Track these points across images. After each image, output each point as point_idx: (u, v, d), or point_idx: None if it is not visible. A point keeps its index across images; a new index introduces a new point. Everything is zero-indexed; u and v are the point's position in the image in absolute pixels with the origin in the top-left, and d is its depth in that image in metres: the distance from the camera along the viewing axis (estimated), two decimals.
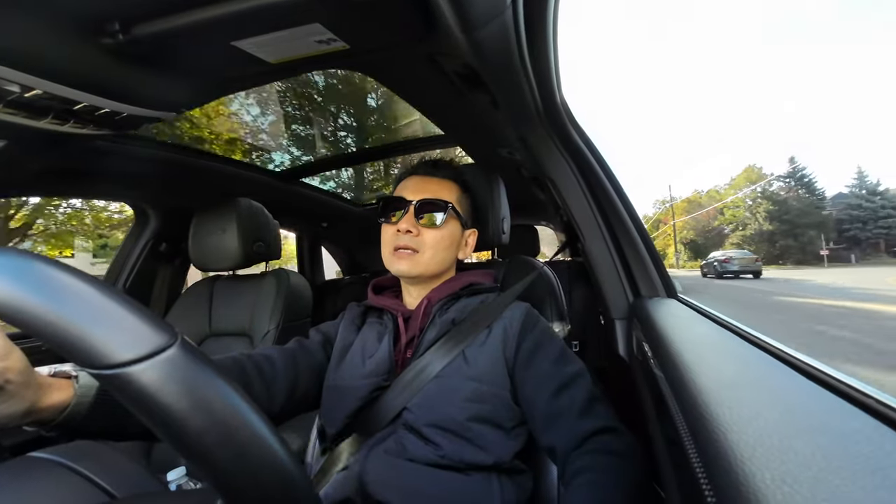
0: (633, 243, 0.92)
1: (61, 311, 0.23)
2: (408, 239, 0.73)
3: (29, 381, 0.40)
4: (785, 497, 0.19)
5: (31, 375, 0.41)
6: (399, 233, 0.73)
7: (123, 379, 0.23)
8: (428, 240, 0.74)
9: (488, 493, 0.60)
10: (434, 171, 0.79)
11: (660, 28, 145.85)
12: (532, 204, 1.92)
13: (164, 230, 1.48)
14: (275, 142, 1.95)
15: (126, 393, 0.23)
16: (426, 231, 0.74)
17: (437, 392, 0.64)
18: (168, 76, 0.76)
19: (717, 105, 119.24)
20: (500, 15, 0.54)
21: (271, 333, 1.24)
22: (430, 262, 0.74)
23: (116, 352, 0.23)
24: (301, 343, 0.77)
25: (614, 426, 0.60)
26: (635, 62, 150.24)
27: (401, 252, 0.73)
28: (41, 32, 0.58)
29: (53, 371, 0.46)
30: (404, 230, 0.73)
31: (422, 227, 0.74)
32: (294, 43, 0.68)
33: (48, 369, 0.46)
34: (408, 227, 0.73)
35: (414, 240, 0.73)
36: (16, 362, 0.39)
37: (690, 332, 0.55)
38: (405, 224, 0.73)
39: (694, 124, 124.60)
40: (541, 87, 0.84)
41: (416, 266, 0.74)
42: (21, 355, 0.39)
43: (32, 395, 0.41)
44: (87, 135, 0.82)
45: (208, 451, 0.24)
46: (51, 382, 0.44)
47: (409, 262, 0.73)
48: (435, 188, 0.77)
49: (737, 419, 0.27)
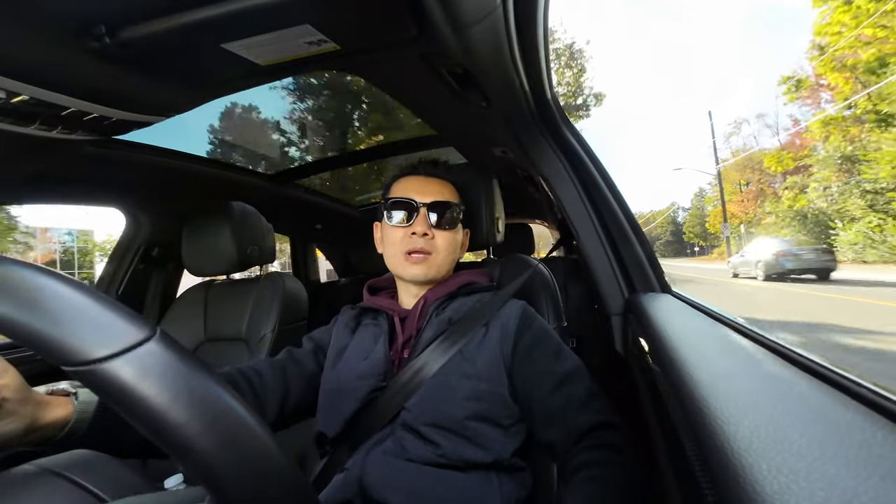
0: (627, 239, 0.93)
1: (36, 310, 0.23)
2: (423, 242, 0.72)
3: (26, 397, 0.41)
4: (781, 487, 0.19)
5: (27, 392, 0.42)
6: (414, 236, 0.72)
7: (101, 374, 0.23)
8: (441, 242, 0.74)
9: (488, 491, 0.60)
10: (435, 172, 0.79)
11: (652, 22, 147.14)
12: (526, 202, 1.93)
13: (156, 235, 1.47)
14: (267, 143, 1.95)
15: (105, 389, 0.23)
16: (440, 234, 0.74)
17: (435, 391, 0.64)
18: (157, 80, 0.75)
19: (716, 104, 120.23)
20: (490, 13, 0.54)
21: (268, 337, 1.23)
22: (442, 264, 0.74)
23: (92, 348, 0.23)
24: (291, 354, 0.76)
25: (612, 421, 0.60)
26: (625, 58, 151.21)
27: (415, 256, 0.72)
28: (27, 37, 0.57)
29: (51, 390, 0.47)
30: (420, 233, 0.72)
31: (436, 229, 0.73)
32: (284, 44, 0.67)
33: (45, 388, 0.47)
34: (424, 229, 0.72)
35: (429, 243, 0.73)
36: (11, 380, 0.40)
37: (685, 327, 0.55)
38: (421, 227, 0.72)
39: (691, 121, 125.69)
40: (532, 85, 0.84)
41: (431, 269, 0.73)
42: (16, 373, 0.41)
43: (32, 412, 0.41)
44: (76, 140, 0.81)
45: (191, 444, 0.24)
46: (49, 400, 0.45)
47: (425, 265, 0.72)
48: (439, 189, 0.77)
49: (732, 411, 0.27)
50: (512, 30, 0.62)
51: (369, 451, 0.63)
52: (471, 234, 0.87)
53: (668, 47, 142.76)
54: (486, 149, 1.24)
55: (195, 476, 0.25)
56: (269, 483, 0.26)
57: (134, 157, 1.13)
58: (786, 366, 0.36)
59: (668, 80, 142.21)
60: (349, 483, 0.60)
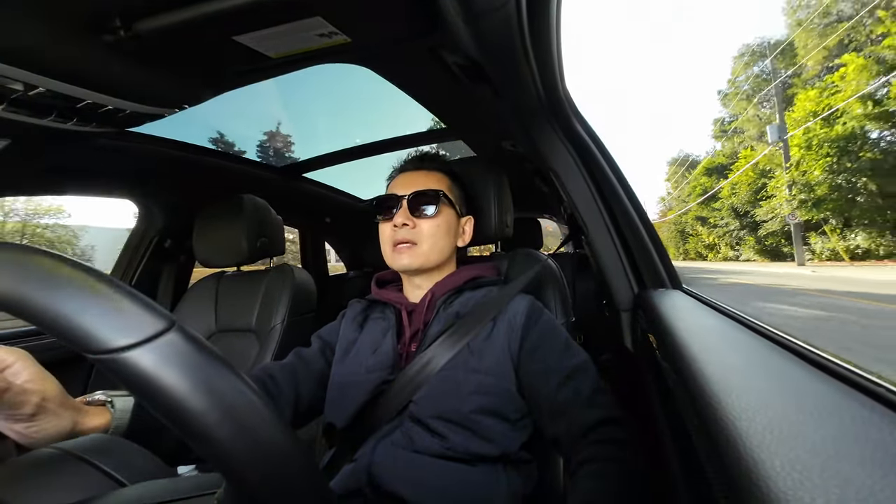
0: (638, 234, 0.92)
1: (61, 299, 0.23)
2: (405, 232, 0.73)
3: (65, 402, 0.45)
4: (795, 483, 0.19)
5: (66, 398, 0.45)
6: (396, 228, 0.74)
7: (123, 363, 0.23)
8: (425, 230, 0.74)
9: (495, 484, 0.61)
10: (421, 165, 0.80)
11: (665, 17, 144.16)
12: (535, 197, 1.91)
13: (169, 227, 1.49)
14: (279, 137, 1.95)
15: (126, 377, 0.24)
16: (421, 222, 0.75)
17: (443, 385, 0.65)
18: (170, 72, 0.76)
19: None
20: (503, 5, 0.53)
21: (277, 329, 1.25)
22: (430, 252, 0.75)
23: (115, 336, 0.23)
24: (300, 355, 0.77)
25: (619, 417, 0.60)
26: (640, 51, 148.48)
27: (400, 247, 0.74)
28: (44, 30, 0.57)
29: (87, 400, 0.50)
30: (401, 224, 0.73)
31: (416, 218, 0.74)
32: (295, 37, 0.67)
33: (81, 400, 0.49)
34: (403, 220, 0.73)
35: (411, 232, 0.74)
36: (51, 385, 0.43)
37: (696, 323, 0.55)
38: (401, 218, 0.73)
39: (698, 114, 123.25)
40: (544, 77, 0.83)
41: (417, 258, 0.74)
42: (56, 381, 0.44)
43: (74, 416, 0.45)
44: (91, 132, 0.82)
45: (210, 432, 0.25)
46: (88, 409, 0.48)
47: (410, 255, 0.74)
48: (424, 180, 0.77)
49: (745, 408, 0.27)
50: (524, 21, 0.61)
51: (378, 442, 0.64)
52: (479, 228, 0.87)
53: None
54: (496, 142, 1.23)
55: (213, 463, 0.25)
56: (283, 470, 0.27)
57: (147, 149, 1.15)
58: (799, 363, 0.35)
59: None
60: (358, 472, 0.61)
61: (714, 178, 25.26)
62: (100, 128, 0.82)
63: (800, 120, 13.85)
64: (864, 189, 12.67)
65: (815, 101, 13.50)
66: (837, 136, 12.79)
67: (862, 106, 12.24)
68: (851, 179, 12.72)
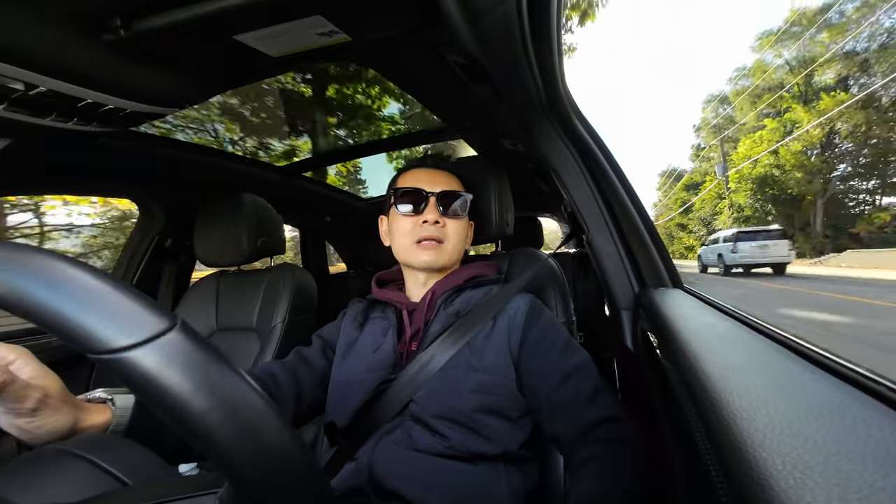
0: (638, 233, 0.92)
1: (64, 298, 0.23)
2: (434, 230, 0.73)
3: (67, 399, 0.45)
4: (796, 482, 0.19)
5: (67, 395, 0.46)
6: (425, 224, 0.73)
7: (125, 363, 0.23)
8: (452, 230, 0.75)
9: (496, 483, 0.61)
10: (442, 165, 0.81)
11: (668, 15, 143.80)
12: (536, 196, 1.91)
13: (170, 226, 1.49)
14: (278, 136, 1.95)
15: (129, 377, 0.24)
16: (450, 222, 0.75)
17: (443, 384, 0.65)
18: (170, 72, 0.75)
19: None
20: (504, 3, 0.53)
21: (278, 327, 1.25)
22: (453, 252, 0.76)
23: (118, 336, 0.23)
24: (301, 354, 0.78)
25: (619, 415, 0.60)
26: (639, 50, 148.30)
27: (426, 244, 0.73)
28: (44, 29, 0.57)
29: (88, 398, 0.50)
30: (432, 221, 0.73)
31: (445, 217, 0.75)
32: (296, 36, 0.67)
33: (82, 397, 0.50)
34: (435, 217, 0.73)
35: (440, 230, 0.74)
36: (53, 382, 0.44)
37: (697, 322, 0.55)
38: (432, 215, 0.73)
39: None
40: (544, 76, 0.83)
41: (442, 256, 0.74)
42: (57, 378, 0.45)
43: (75, 413, 0.45)
44: (91, 132, 0.82)
45: (212, 431, 0.24)
46: (89, 406, 0.49)
47: (435, 252, 0.74)
48: (447, 180, 0.78)
49: (746, 406, 0.27)
50: (525, 19, 0.61)
51: (379, 441, 0.64)
52: (480, 227, 0.87)
53: None
54: (496, 141, 1.23)
55: (215, 462, 0.25)
56: (285, 470, 0.27)
57: (147, 148, 1.15)
58: (800, 362, 0.35)
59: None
60: (359, 471, 0.62)
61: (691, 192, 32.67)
62: (100, 127, 0.82)
63: (737, 161, 22.10)
64: (771, 212, 21.78)
65: (749, 147, 21.38)
66: (756, 176, 21.34)
67: (770, 157, 20.27)
68: (764, 205, 21.86)
